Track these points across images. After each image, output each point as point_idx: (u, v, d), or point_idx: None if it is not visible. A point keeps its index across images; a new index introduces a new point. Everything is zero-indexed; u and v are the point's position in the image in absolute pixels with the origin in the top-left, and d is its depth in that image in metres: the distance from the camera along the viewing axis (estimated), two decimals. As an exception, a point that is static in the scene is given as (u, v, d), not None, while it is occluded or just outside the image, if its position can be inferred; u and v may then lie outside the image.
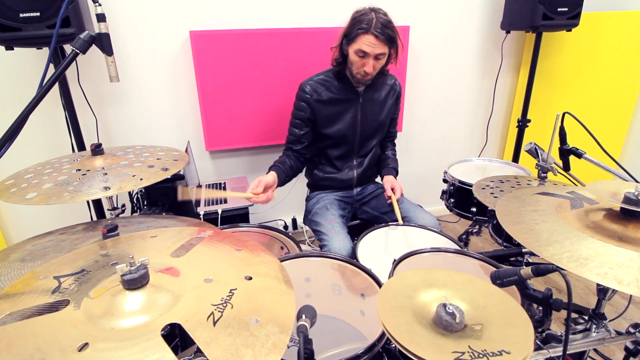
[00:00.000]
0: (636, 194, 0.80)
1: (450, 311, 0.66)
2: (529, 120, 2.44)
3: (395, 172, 1.74)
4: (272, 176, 1.47)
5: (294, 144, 1.63)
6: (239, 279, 0.65)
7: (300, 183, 2.39)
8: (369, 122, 1.65)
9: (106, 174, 1.00)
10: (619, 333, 0.98)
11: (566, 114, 1.24)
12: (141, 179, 0.98)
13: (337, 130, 1.61)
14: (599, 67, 2.40)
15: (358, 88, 1.59)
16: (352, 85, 1.58)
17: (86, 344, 0.51)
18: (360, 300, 1.12)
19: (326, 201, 1.68)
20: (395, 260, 1.13)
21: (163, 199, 1.55)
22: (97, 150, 1.09)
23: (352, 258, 1.18)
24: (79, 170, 1.02)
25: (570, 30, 2.22)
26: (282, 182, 1.54)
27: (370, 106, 1.64)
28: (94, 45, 0.94)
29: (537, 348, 0.92)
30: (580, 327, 1.01)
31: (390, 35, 1.40)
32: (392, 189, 1.60)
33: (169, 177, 1.52)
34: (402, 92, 2.28)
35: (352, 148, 1.67)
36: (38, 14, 1.40)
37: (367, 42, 1.38)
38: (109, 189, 0.93)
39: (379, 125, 1.68)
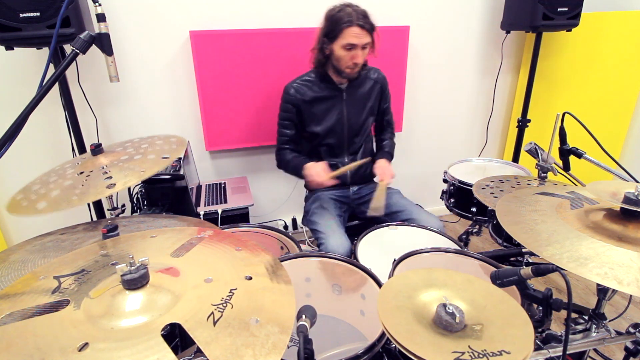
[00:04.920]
0: (636, 194, 0.80)
1: (450, 311, 0.66)
2: (529, 120, 2.44)
3: (388, 156, 1.76)
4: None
5: (287, 143, 1.69)
6: (239, 279, 0.65)
7: (300, 183, 2.39)
8: (355, 117, 1.68)
9: (107, 172, 0.99)
10: (619, 333, 0.98)
11: (566, 114, 1.24)
12: (143, 171, 0.98)
13: (325, 128, 1.65)
14: (599, 67, 2.40)
15: (341, 85, 1.62)
16: (334, 82, 1.61)
17: (86, 344, 0.51)
18: (360, 300, 1.12)
19: (323, 200, 1.69)
20: (395, 260, 1.13)
21: (163, 198, 1.55)
22: (97, 150, 1.09)
23: (350, 257, 1.18)
24: (82, 172, 1.02)
25: (570, 30, 2.22)
26: None
27: (354, 102, 1.67)
28: (94, 45, 0.94)
29: (537, 348, 0.92)
30: (580, 327, 1.01)
31: (371, 23, 1.46)
32: (382, 174, 1.57)
33: (169, 177, 1.53)
34: (403, 88, 2.29)
35: (342, 145, 1.70)
36: (38, 14, 1.40)
37: (354, 34, 1.43)
38: (114, 185, 0.93)
39: (365, 120, 1.71)
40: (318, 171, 1.50)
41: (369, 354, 0.80)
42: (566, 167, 1.32)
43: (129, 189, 1.71)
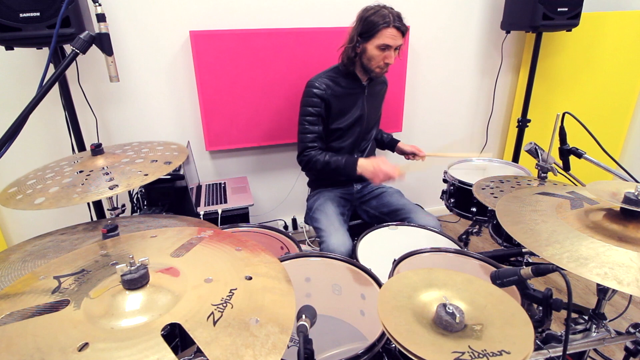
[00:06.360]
0: (636, 194, 0.80)
1: (450, 311, 0.66)
2: (529, 120, 2.44)
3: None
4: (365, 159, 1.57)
5: (315, 141, 1.62)
6: (239, 279, 0.65)
7: (300, 183, 2.39)
8: (372, 114, 1.72)
9: (108, 173, 0.99)
10: (619, 333, 0.98)
11: (566, 114, 1.24)
12: (146, 175, 0.97)
13: (347, 124, 1.65)
14: (599, 67, 2.40)
15: (364, 82, 1.65)
16: (358, 79, 1.63)
17: (86, 344, 0.51)
18: (360, 300, 1.12)
19: (327, 198, 1.70)
20: (395, 260, 1.13)
21: (163, 198, 1.55)
22: (97, 150, 1.09)
23: (351, 257, 1.18)
24: (82, 171, 1.02)
25: (570, 30, 2.22)
26: None
27: (373, 99, 1.72)
28: (94, 45, 0.94)
29: (537, 348, 0.92)
30: (580, 327, 1.01)
31: (405, 26, 1.51)
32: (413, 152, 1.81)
33: (169, 177, 1.53)
34: (403, 88, 2.31)
35: (357, 141, 1.71)
36: (38, 14, 1.40)
37: (390, 35, 1.47)
38: (117, 186, 0.92)
39: (379, 116, 1.79)
40: (387, 168, 1.47)
41: (369, 354, 0.80)
42: (566, 167, 1.32)
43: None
